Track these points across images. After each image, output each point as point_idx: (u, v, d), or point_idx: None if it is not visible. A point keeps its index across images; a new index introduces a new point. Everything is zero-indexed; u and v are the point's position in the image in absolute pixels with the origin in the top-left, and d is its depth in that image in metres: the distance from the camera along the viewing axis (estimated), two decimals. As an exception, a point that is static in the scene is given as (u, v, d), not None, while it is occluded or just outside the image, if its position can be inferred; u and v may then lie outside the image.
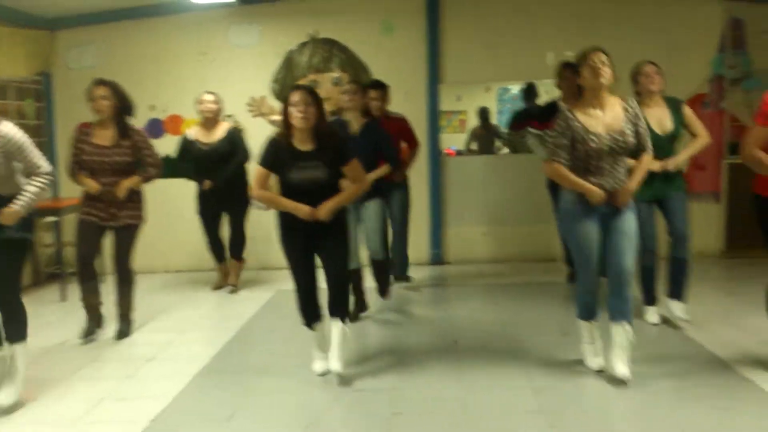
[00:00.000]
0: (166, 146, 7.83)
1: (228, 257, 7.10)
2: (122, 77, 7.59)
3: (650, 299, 5.44)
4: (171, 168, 7.43)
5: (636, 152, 4.22)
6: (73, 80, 7.58)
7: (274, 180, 4.46)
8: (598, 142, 4.07)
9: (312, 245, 4.43)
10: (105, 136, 5.34)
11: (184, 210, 7.37)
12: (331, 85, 7.77)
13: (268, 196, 4.39)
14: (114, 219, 5.38)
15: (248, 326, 5.82)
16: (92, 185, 5.31)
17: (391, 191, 6.42)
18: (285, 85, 7.83)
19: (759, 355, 4.55)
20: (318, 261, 4.51)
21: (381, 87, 6.33)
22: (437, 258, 8.06)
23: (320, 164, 4.27)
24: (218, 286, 7.08)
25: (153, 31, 7.87)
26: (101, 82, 5.36)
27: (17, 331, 4.21)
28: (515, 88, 11.14)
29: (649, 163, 4.27)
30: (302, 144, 4.29)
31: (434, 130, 7.90)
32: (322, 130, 4.30)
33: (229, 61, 7.90)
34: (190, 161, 6.81)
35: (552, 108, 6.36)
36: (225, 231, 7.08)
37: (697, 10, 7.68)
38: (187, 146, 6.79)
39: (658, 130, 4.98)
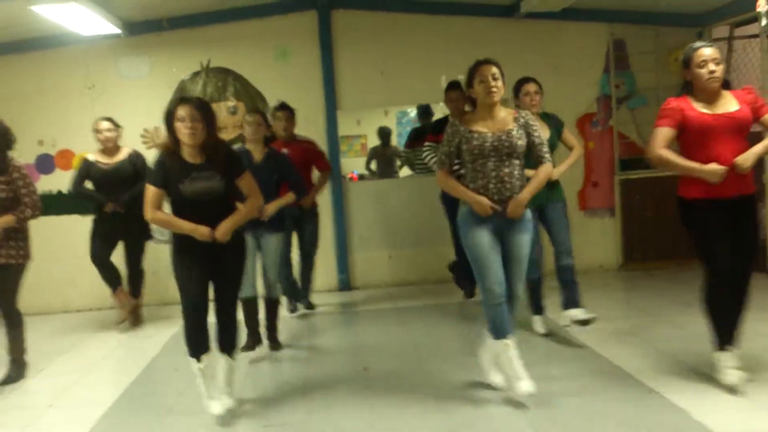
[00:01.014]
0: (57, 182, 7.61)
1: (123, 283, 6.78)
2: (6, 113, 7.34)
3: (537, 309, 5.58)
4: (63, 204, 7.19)
5: (534, 162, 4.24)
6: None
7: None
8: (480, 140, 4.07)
9: (206, 270, 4.20)
10: None
11: (78, 248, 7.09)
12: (226, 114, 7.66)
13: (164, 218, 4.15)
14: None
15: (152, 365, 5.61)
16: None
17: (302, 220, 6.39)
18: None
19: (662, 365, 4.67)
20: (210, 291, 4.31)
21: (287, 109, 6.32)
22: (344, 284, 8.01)
23: (214, 174, 4.09)
24: (122, 320, 6.72)
25: (38, 64, 7.58)
26: None
27: None
28: (413, 112, 11.30)
29: (546, 173, 4.22)
30: (192, 158, 4.10)
31: (335, 156, 7.88)
32: (211, 143, 4.11)
33: (119, 93, 7.66)
34: (90, 183, 6.53)
35: (444, 121, 6.52)
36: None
37: (582, 33, 7.97)
38: (87, 167, 6.51)
39: None
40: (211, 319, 4.27)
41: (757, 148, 3.98)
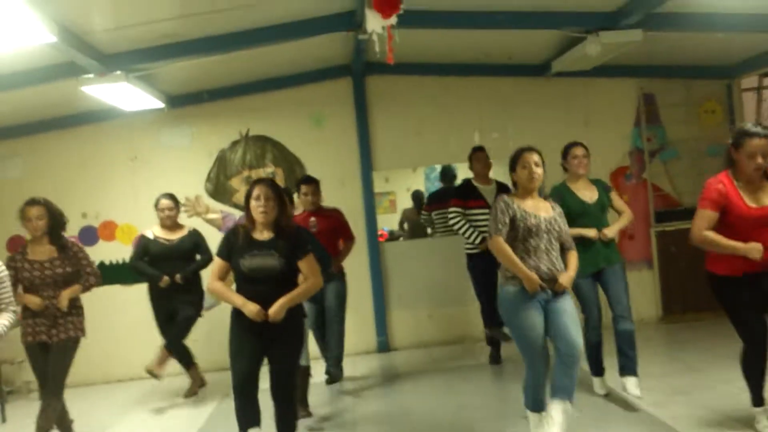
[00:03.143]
0: (101, 253, 7.73)
1: (196, 362, 6.79)
2: (51, 186, 7.54)
3: (598, 371, 5.56)
4: (105, 275, 7.29)
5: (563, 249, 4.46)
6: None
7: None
8: (536, 220, 4.28)
9: (261, 344, 4.25)
10: (40, 252, 5.21)
11: (117, 318, 7.23)
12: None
13: (219, 288, 4.30)
14: (57, 333, 5.20)
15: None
16: (35, 301, 5.11)
17: (325, 282, 6.29)
18: (218, 183, 7.85)
19: (713, 425, 4.65)
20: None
21: (312, 182, 6.25)
22: (384, 345, 8.01)
23: (274, 253, 4.21)
24: (192, 393, 6.72)
25: (82, 139, 7.79)
26: (34, 202, 5.20)
27: None
28: (439, 167, 11.39)
29: (576, 258, 4.47)
30: (261, 234, 4.30)
31: (371, 217, 7.99)
32: (282, 221, 4.32)
33: (161, 163, 7.85)
34: (148, 260, 6.59)
35: (467, 186, 6.72)
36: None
37: (612, 88, 8.11)
38: (146, 244, 6.59)
39: (588, 200, 5.28)
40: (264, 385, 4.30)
41: None
